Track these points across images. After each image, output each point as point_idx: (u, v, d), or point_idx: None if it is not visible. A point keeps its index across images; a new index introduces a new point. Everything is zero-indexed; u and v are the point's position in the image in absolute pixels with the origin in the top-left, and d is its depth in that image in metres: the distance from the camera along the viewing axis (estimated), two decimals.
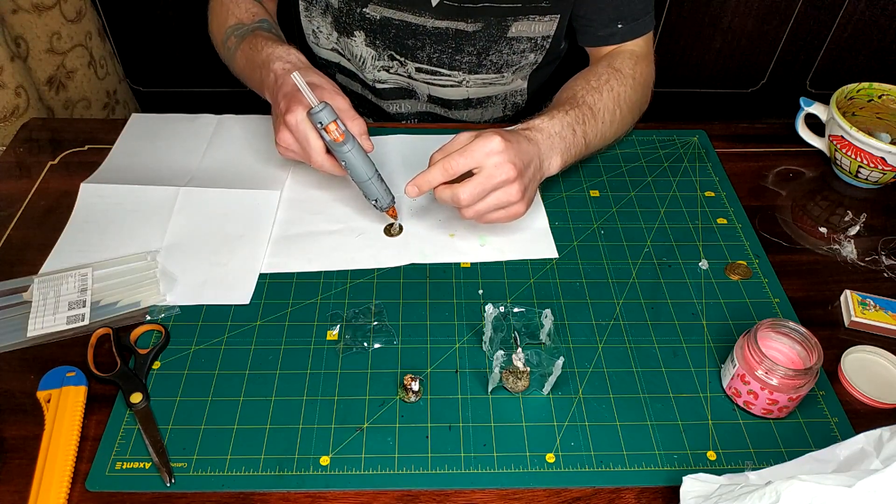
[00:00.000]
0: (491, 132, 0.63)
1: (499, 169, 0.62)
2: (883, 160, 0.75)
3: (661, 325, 0.65)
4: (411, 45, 0.82)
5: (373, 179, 0.66)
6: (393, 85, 0.89)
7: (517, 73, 0.87)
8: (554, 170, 0.70)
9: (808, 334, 0.57)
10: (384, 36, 0.82)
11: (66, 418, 0.55)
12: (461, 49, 0.82)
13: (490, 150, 0.62)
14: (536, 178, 0.67)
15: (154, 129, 0.84)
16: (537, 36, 0.82)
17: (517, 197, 0.64)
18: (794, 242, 0.75)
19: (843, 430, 0.58)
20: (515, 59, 0.84)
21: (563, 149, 0.70)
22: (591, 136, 0.73)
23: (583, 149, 0.73)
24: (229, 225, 0.72)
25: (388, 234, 0.72)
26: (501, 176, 0.62)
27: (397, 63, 0.85)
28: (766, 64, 1.43)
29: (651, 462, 0.55)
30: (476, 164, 0.62)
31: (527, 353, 0.60)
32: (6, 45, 0.96)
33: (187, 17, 1.29)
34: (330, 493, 0.53)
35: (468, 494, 0.53)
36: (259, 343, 0.62)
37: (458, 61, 0.84)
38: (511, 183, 0.63)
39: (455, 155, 0.62)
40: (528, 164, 0.65)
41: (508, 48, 0.83)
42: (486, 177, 0.62)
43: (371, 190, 0.67)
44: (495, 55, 0.83)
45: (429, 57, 0.83)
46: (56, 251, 0.69)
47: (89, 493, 0.52)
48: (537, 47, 0.84)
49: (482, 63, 0.84)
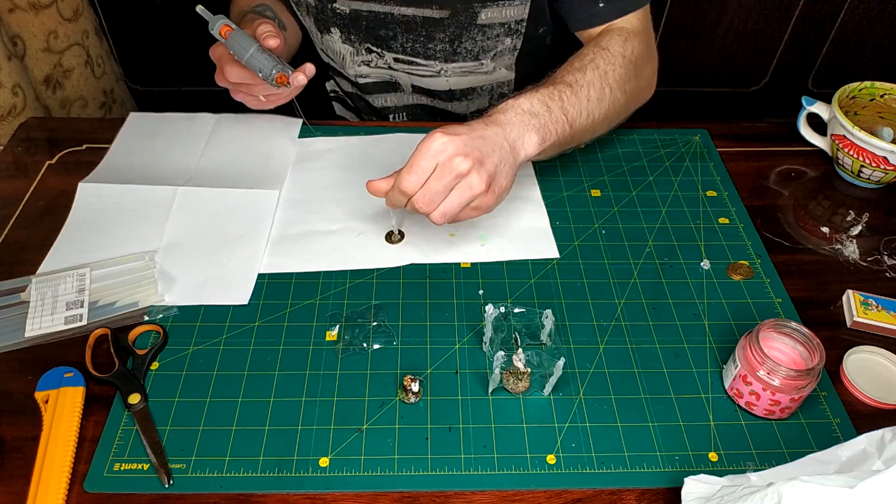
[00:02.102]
0: (433, 131, 0.59)
1: (450, 164, 0.58)
2: (885, 159, 0.75)
3: (663, 325, 0.65)
4: (384, 35, 0.82)
5: (252, 53, 0.70)
6: (376, 79, 0.89)
7: (497, 59, 0.85)
8: (531, 148, 0.64)
9: (811, 335, 0.57)
10: (357, 29, 0.83)
11: (64, 419, 0.55)
12: (432, 37, 0.81)
13: (435, 151, 0.58)
14: (508, 161, 0.62)
15: (152, 129, 0.83)
16: (510, 20, 0.80)
17: (482, 187, 0.59)
18: (796, 242, 0.74)
19: (845, 430, 0.57)
20: (491, 44, 0.82)
21: (539, 125, 0.64)
22: (573, 113, 0.67)
23: (566, 126, 0.67)
24: (228, 225, 0.72)
25: (388, 241, 0.71)
26: (455, 170, 0.58)
27: (375, 55, 0.85)
28: (767, 63, 1.43)
29: (652, 463, 0.55)
30: (432, 165, 0.59)
31: (527, 353, 0.60)
32: (3, 43, 0.96)
33: (185, 16, 1.28)
34: (329, 494, 0.52)
35: (468, 496, 0.53)
36: (258, 343, 0.62)
37: (431, 49, 0.83)
38: (466, 175, 0.58)
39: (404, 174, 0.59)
40: (486, 149, 0.60)
41: (482, 35, 0.81)
42: (437, 176, 0.58)
43: (253, 64, 0.70)
44: (469, 42, 0.82)
45: (402, 46, 0.83)
46: (54, 251, 0.69)
47: (87, 495, 0.52)
48: (512, 31, 0.82)
49: (456, 50, 0.83)
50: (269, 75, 0.71)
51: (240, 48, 0.70)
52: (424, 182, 0.59)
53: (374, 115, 0.96)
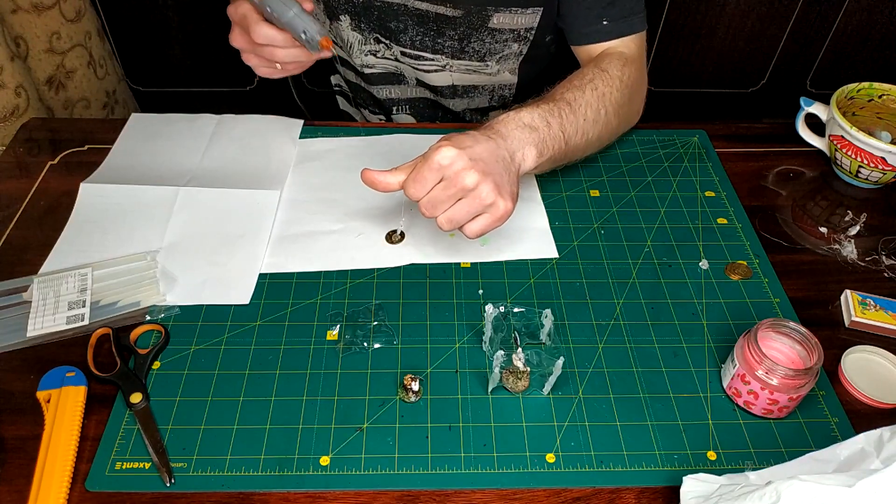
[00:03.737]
0: (440, 143, 0.60)
1: (456, 178, 0.59)
2: (883, 160, 0.75)
3: (662, 325, 0.65)
4: (394, 27, 0.83)
5: (296, 12, 0.65)
6: (381, 69, 0.90)
7: (502, 62, 0.86)
8: (529, 162, 0.65)
9: (809, 334, 0.57)
10: (368, 18, 0.83)
11: (65, 418, 0.55)
12: (442, 33, 0.82)
13: (441, 164, 0.59)
14: (511, 170, 0.63)
15: (154, 129, 0.84)
16: (520, 28, 0.82)
17: (492, 197, 0.59)
18: (794, 242, 0.75)
19: (843, 430, 0.58)
20: (498, 47, 0.84)
21: (538, 140, 0.65)
22: (570, 131, 0.69)
23: (562, 143, 0.68)
24: (229, 225, 0.72)
25: (389, 242, 0.71)
26: (461, 184, 0.59)
27: (383, 46, 0.86)
28: (766, 64, 1.43)
29: (651, 462, 0.55)
30: (438, 177, 0.60)
31: (527, 353, 0.60)
32: (6, 44, 0.96)
33: (187, 17, 1.28)
34: (330, 493, 0.53)
35: (468, 495, 0.53)
36: (259, 343, 0.62)
37: (440, 44, 0.84)
38: (474, 188, 0.59)
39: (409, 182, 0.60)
40: (492, 160, 0.61)
41: (491, 38, 0.82)
42: (443, 187, 0.59)
43: (295, 25, 0.66)
44: (477, 43, 0.83)
45: (411, 40, 0.84)
46: (56, 251, 0.69)
47: (89, 494, 0.52)
48: (521, 38, 0.83)
49: (464, 49, 0.84)
50: (314, 39, 0.66)
51: (282, 6, 0.65)
52: (430, 190, 0.60)
53: (378, 107, 0.96)
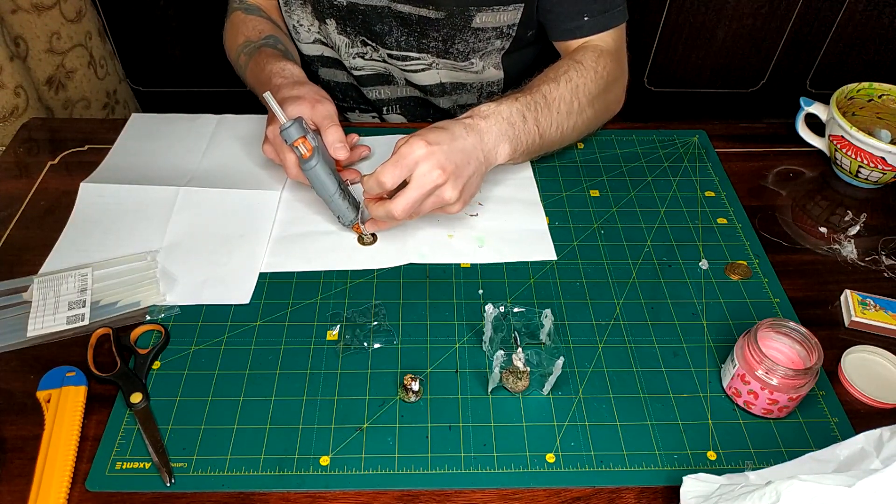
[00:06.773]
0: (416, 136, 0.63)
1: (428, 176, 0.62)
2: (883, 160, 0.75)
3: (661, 325, 0.65)
4: (378, 30, 0.83)
5: (334, 196, 0.68)
6: (370, 71, 0.90)
7: (485, 58, 0.87)
8: (502, 158, 0.69)
9: (809, 334, 0.57)
10: (353, 22, 0.84)
11: (66, 418, 0.55)
12: (426, 34, 0.83)
13: (416, 158, 0.62)
14: (480, 171, 0.67)
15: (154, 129, 0.84)
16: (502, 25, 0.82)
17: (453, 198, 0.64)
18: (794, 242, 0.75)
19: (843, 429, 0.58)
20: (481, 45, 0.84)
21: (513, 136, 0.69)
22: (545, 125, 0.72)
23: (536, 138, 0.71)
24: (229, 225, 0.72)
25: (360, 244, 0.71)
26: (431, 182, 0.62)
27: (370, 49, 0.87)
28: (766, 64, 1.43)
29: (651, 462, 0.55)
30: (407, 172, 0.62)
31: (527, 353, 0.60)
32: (6, 44, 0.96)
33: (187, 17, 1.29)
34: (330, 493, 0.53)
35: (468, 494, 0.53)
36: (259, 343, 0.62)
37: (424, 45, 0.84)
38: (442, 186, 0.63)
39: (385, 168, 0.62)
40: (463, 162, 0.64)
41: (474, 37, 0.83)
42: (416, 187, 0.62)
43: (332, 206, 0.69)
44: (461, 44, 0.83)
45: (397, 42, 0.84)
46: (56, 251, 0.69)
47: (89, 493, 0.52)
48: (503, 35, 0.84)
49: (449, 50, 0.84)
50: (347, 224, 0.70)
51: (318, 186, 0.67)
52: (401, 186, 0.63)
53: (369, 107, 0.96)
